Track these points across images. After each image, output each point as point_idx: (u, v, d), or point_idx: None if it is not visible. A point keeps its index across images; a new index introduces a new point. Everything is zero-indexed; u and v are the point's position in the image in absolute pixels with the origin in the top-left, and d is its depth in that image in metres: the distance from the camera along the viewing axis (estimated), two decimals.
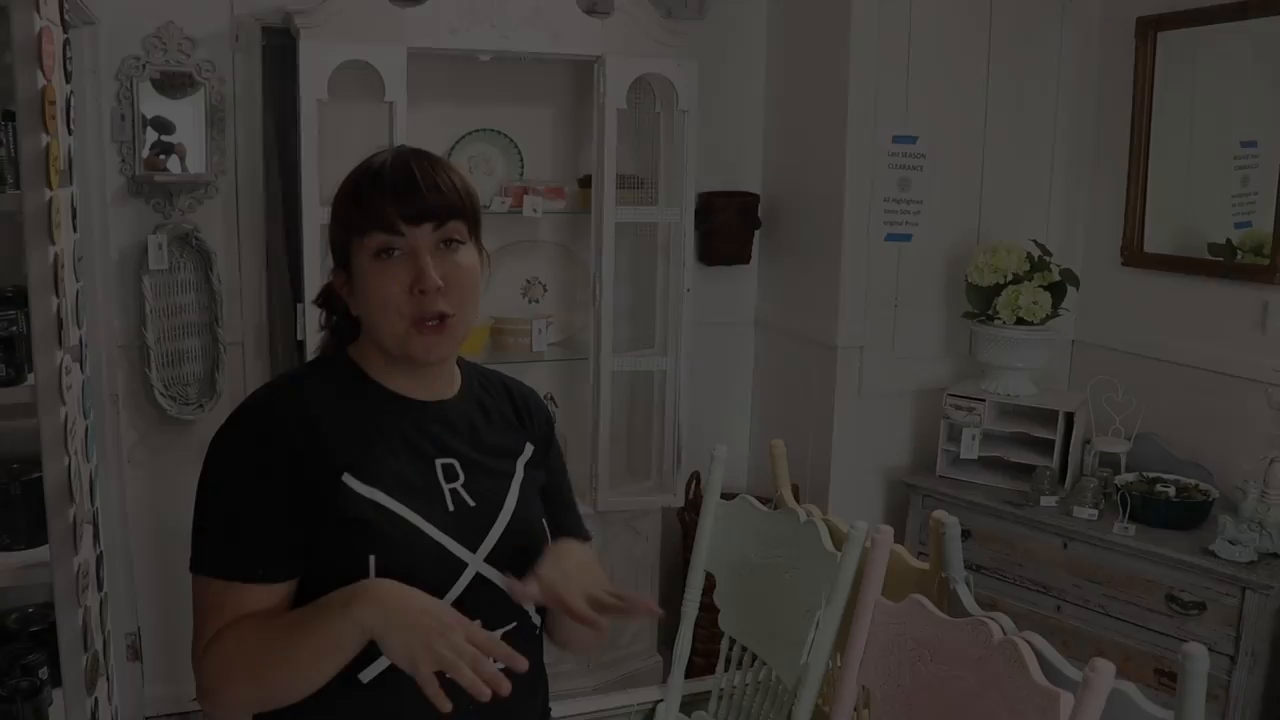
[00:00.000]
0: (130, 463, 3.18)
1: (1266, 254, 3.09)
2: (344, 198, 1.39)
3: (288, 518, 1.31)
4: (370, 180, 1.36)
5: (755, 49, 3.76)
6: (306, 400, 1.39)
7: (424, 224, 1.35)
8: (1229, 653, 2.75)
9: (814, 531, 2.09)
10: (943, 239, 3.57)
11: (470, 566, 1.37)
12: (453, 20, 2.95)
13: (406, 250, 1.35)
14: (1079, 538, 3.03)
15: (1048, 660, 1.63)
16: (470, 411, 1.49)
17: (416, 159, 1.38)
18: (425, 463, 1.41)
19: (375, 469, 1.35)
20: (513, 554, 1.41)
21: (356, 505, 1.32)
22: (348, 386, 1.42)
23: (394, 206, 1.34)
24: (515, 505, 1.45)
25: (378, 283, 1.35)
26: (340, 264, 1.42)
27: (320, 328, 1.52)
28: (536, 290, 3.56)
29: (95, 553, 2.21)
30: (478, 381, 1.55)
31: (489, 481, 1.45)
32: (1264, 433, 3.01)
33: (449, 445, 1.44)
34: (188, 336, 3.18)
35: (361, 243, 1.35)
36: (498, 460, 1.48)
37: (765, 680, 2.20)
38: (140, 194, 3.07)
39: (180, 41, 3.03)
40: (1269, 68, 3.07)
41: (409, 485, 1.37)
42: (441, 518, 1.38)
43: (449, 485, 1.41)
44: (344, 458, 1.35)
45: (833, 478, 3.56)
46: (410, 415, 1.42)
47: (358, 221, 1.35)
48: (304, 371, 1.51)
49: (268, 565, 1.31)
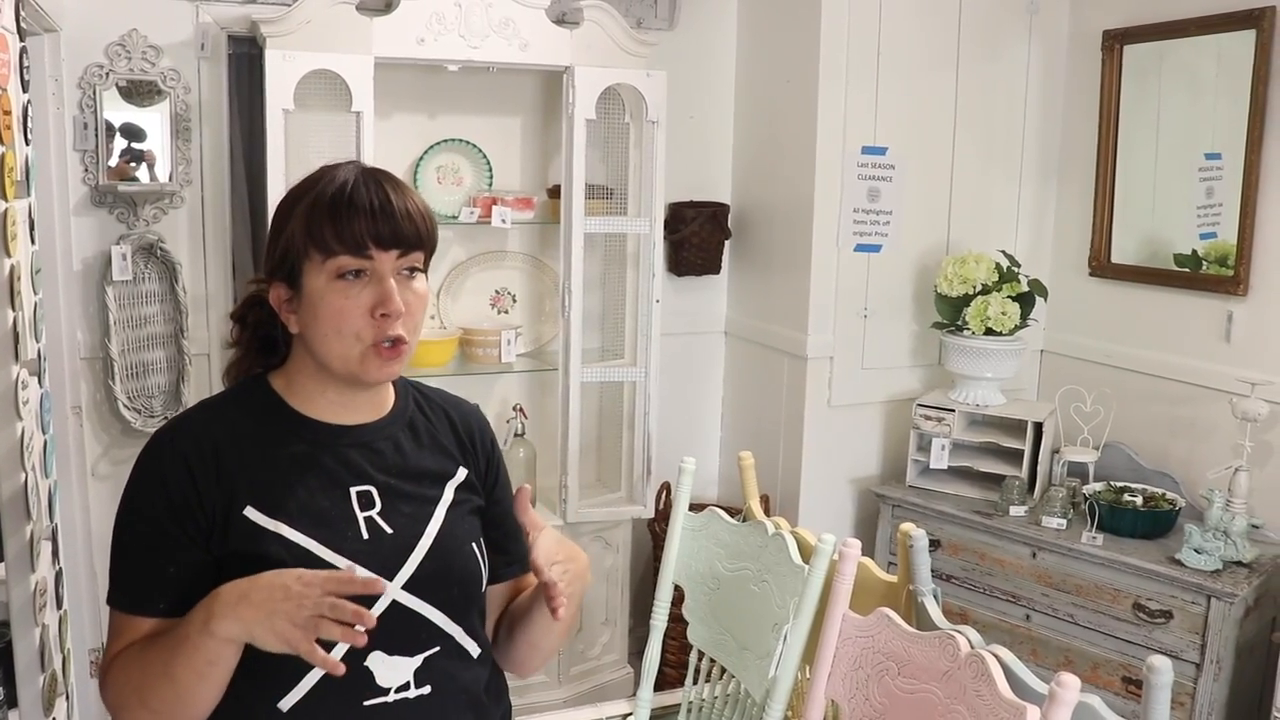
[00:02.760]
0: (94, 476, 3.13)
1: (1231, 265, 3.12)
2: (309, 212, 1.33)
3: (185, 553, 1.30)
4: (345, 200, 1.32)
5: (725, 59, 3.76)
6: (214, 432, 1.36)
7: (392, 250, 1.33)
8: (1195, 660, 2.77)
9: (782, 544, 2.08)
10: (912, 250, 3.58)
11: (387, 594, 1.34)
12: (421, 30, 2.93)
13: (371, 273, 1.33)
14: (1048, 547, 3.05)
15: (1015, 674, 1.63)
16: (396, 434, 1.46)
17: (388, 182, 1.36)
18: (339, 491, 1.38)
19: (281, 500, 1.33)
20: (436, 579, 1.39)
21: (257, 539, 1.31)
22: (262, 415, 1.40)
23: (368, 229, 1.31)
24: (439, 530, 1.42)
25: (336, 305, 1.32)
26: (285, 278, 1.36)
27: (230, 343, 1.48)
28: (505, 301, 3.54)
29: (54, 570, 2.17)
30: (414, 401, 1.52)
31: (410, 507, 1.42)
32: (1229, 442, 3.03)
33: (365, 472, 1.41)
34: (152, 348, 3.14)
35: (322, 263, 1.32)
36: (422, 485, 1.45)
37: (734, 693, 2.19)
38: (104, 204, 3.03)
39: (145, 50, 3.00)
40: (1233, 82, 3.10)
41: (318, 516, 1.35)
42: (353, 547, 1.35)
43: (364, 513, 1.38)
44: (248, 491, 1.33)
45: (803, 488, 3.56)
46: (327, 442, 1.40)
47: (324, 240, 1.31)
48: (219, 400, 1.46)
49: (167, 599, 1.30)
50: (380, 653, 1.33)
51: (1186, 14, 3.18)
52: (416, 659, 1.36)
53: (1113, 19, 3.42)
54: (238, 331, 1.47)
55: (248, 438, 1.37)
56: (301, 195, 1.36)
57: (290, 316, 1.38)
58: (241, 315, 1.46)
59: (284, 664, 1.26)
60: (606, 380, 3.42)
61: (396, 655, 1.35)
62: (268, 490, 1.34)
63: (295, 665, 1.26)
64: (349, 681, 1.29)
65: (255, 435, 1.37)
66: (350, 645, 1.21)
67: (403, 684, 1.35)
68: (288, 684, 1.29)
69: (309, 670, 1.30)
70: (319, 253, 1.32)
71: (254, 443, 1.37)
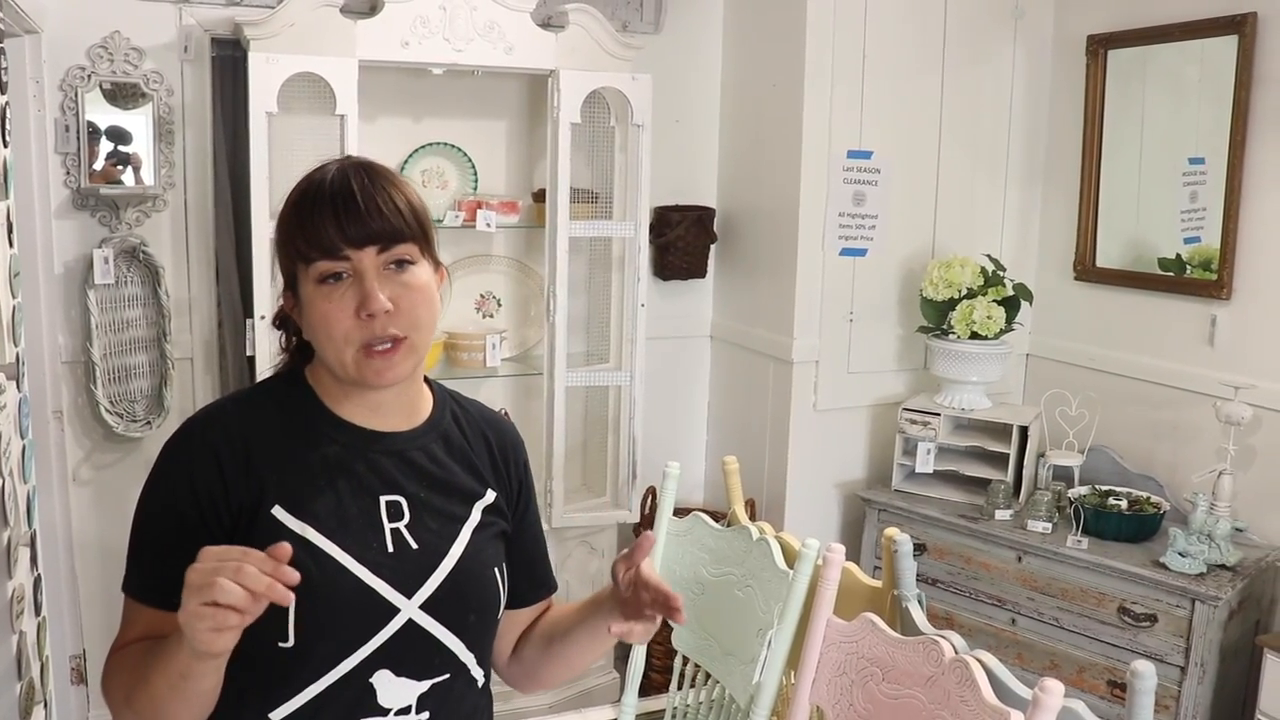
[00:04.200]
0: (75, 481, 3.11)
1: (1214, 269, 3.13)
2: (286, 219, 1.32)
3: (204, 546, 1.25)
4: (310, 202, 1.29)
5: (710, 63, 3.76)
6: (246, 425, 1.33)
7: (367, 247, 1.29)
8: (1179, 664, 2.77)
9: (766, 549, 2.08)
10: (897, 254, 3.59)
11: (403, 613, 1.30)
12: (405, 33, 2.92)
13: (352, 274, 1.29)
14: (1033, 551, 3.05)
15: (999, 679, 1.63)
16: (430, 446, 1.41)
17: (359, 177, 1.30)
18: (369, 499, 1.33)
19: (310, 502, 1.29)
20: (455, 602, 1.34)
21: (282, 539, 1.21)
22: (296, 412, 1.36)
23: (335, 231, 1.27)
24: (462, 552, 1.37)
25: (323, 310, 1.29)
26: (289, 286, 1.35)
27: (281, 350, 1.44)
28: (490, 305, 3.53)
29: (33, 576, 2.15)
30: (451, 414, 1.47)
31: (437, 524, 1.37)
32: (1213, 445, 3.04)
33: (397, 482, 1.36)
34: (135, 352, 3.12)
35: (307, 269, 1.29)
36: (451, 502, 1.40)
37: (719, 699, 2.18)
38: (85, 207, 3.01)
39: (127, 52, 2.98)
40: (1216, 86, 3.11)
41: (345, 522, 1.30)
42: (377, 559, 1.30)
43: (392, 525, 1.33)
44: (277, 489, 1.29)
45: (789, 492, 3.56)
46: (360, 447, 1.35)
47: (301, 247, 1.29)
48: (253, 392, 1.43)
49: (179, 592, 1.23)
50: (388, 671, 1.29)
51: (1170, 19, 3.19)
52: (424, 684, 1.32)
53: (1097, 24, 3.43)
54: (284, 338, 1.43)
55: (280, 434, 1.33)
56: (288, 202, 1.33)
57: (300, 323, 1.36)
58: (280, 322, 1.43)
59: (281, 676, 1.24)
60: (592, 384, 3.42)
61: (404, 677, 1.31)
62: (297, 491, 1.29)
63: (293, 678, 1.25)
64: (348, 696, 1.27)
65: (288, 432, 1.33)
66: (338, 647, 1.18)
67: (404, 707, 1.31)
68: (284, 695, 1.26)
69: (308, 683, 1.26)
70: (302, 260, 1.30)
71: (286, 440, 1.33)
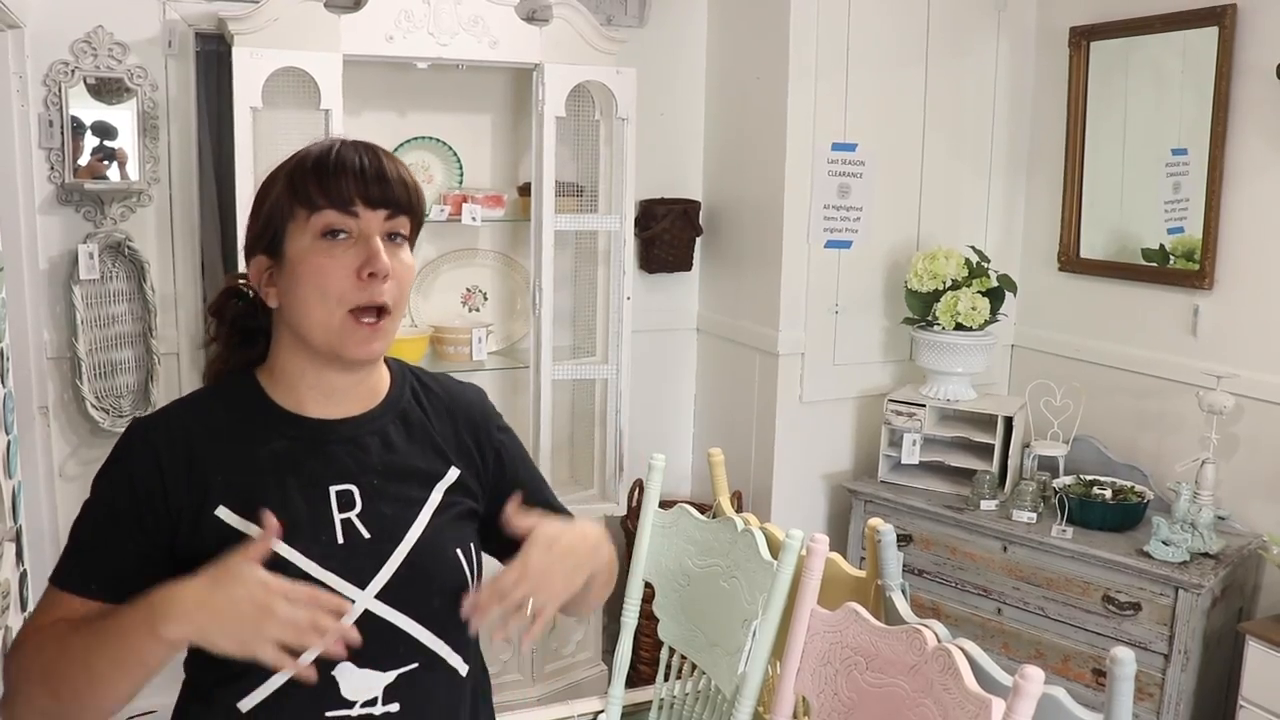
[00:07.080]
0: (62, 477, 3.11)
1: (1197, 259, 3.15)
2: (292, 172, 1.31)
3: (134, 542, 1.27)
4: (331, 157, 1.29)
5: (695, 56, 3.76)
6: (191, 427, 1.32)
7: (380, 210, 1.29)
8: (1163, 651, 2.80)
9: (751, 540, 2.09)
10: (882, 245, 3.60)
11: (358, 603, 1.28)
12: (389, 28, 2.92)
13: (356, 234, 1.29)
14: (1018, 541, 3.07)
15: (981, 667, 1.64)
16: (387, 429, 1.39)
17: (377, 148, 1.33)
18: (318, 490, 1.32)
19: (255, 501, 1.28)
20: (415, 589, 1.32)
21: (227, 540, 1.24)
22: (246, 412, 1.35)
23: (356, 185, 1.28)
24: (420, 536, 1.35)
25: (318, 264, 1.27)
26: (266, 248, 1.33)
27: (207, 340, 1.42)
28: (476, 299, 3.54)
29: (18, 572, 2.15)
30: (411, 390, 1.45)
31: (392, 509, 1.35)
32: (1196, 435, 3.06)
33: (348, 470, 1.34)
34: (120, 347, 3.12)
35: (308, 220, 1.28)
36: (408, 486, 1.38)
37: (705, 689, 2.20)
38: (70, 202, 3.01)
39: (111, 47, 2.97)
40: (1198, 78, 3.12)
41: (294, 518, 1.28)
42: (325, 551, 1.29)
43: (342, 515, 1.32)
44: (222, 490, 1.29)
45: (775, 484, 3.57)
46: (310, 439, 1.34)
47: (309, 196, 1.28)
48: (202, 395, 1.40)
49: (101, 582, 1.26)
50: (349, 664, 1.28)
51: (1151, 11, 3.21)
52: (389, 674, 1.30)
53: (1079, 15, 3.44)
54: (214, 326, 1.41)
55: (226, 434, 1.32)
56: (285, 165, 1.33)
57: (270, 290, 1.33)
58: (219, 308, 1.41)
59: (250, 665, 1.23)
60: (578, 378, 3.42)
61: (367, 668, 1.29)
62: (243, 490, 1.29)
63: (261, 667, 1.23)
64: (312, 690, 1.25)
65: (235, 432, 1.32)
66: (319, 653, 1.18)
67: (370, 699, 1.30)
68: (250, 685, 1.26)
69: (274, 672, 1.25)
70: (304, 209, 1.28)
71: (233, 440, 1.32)
